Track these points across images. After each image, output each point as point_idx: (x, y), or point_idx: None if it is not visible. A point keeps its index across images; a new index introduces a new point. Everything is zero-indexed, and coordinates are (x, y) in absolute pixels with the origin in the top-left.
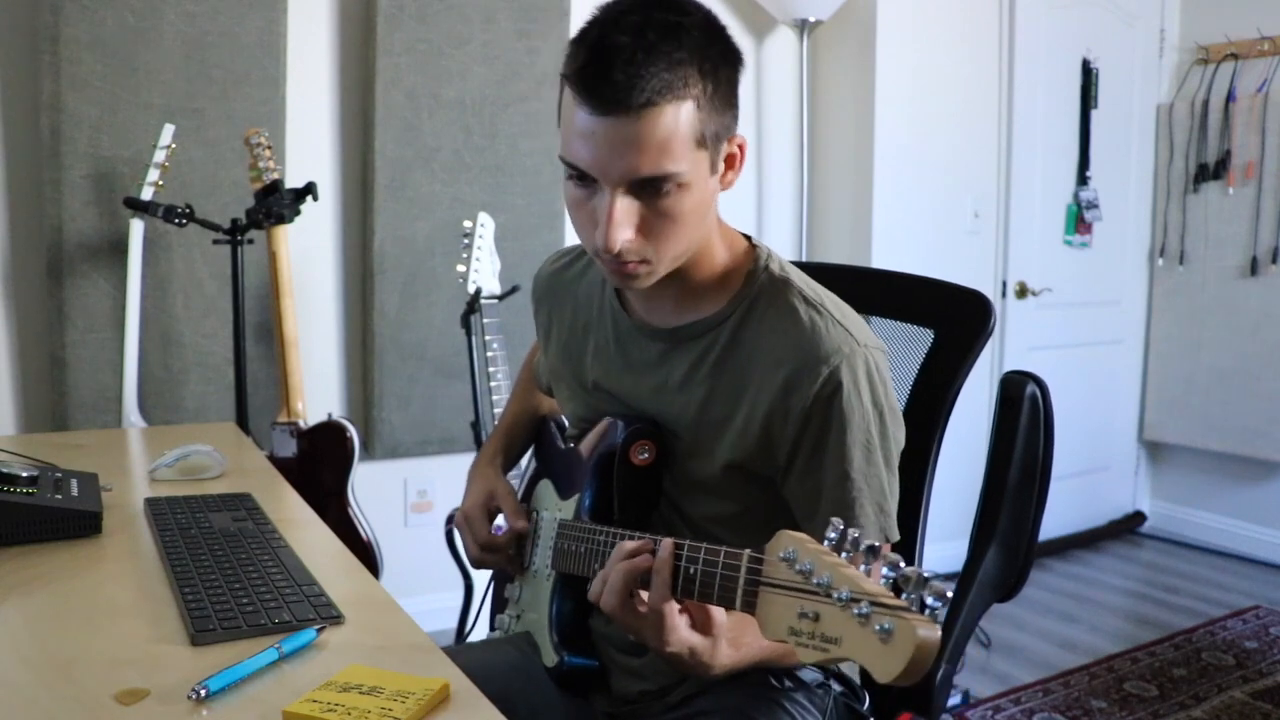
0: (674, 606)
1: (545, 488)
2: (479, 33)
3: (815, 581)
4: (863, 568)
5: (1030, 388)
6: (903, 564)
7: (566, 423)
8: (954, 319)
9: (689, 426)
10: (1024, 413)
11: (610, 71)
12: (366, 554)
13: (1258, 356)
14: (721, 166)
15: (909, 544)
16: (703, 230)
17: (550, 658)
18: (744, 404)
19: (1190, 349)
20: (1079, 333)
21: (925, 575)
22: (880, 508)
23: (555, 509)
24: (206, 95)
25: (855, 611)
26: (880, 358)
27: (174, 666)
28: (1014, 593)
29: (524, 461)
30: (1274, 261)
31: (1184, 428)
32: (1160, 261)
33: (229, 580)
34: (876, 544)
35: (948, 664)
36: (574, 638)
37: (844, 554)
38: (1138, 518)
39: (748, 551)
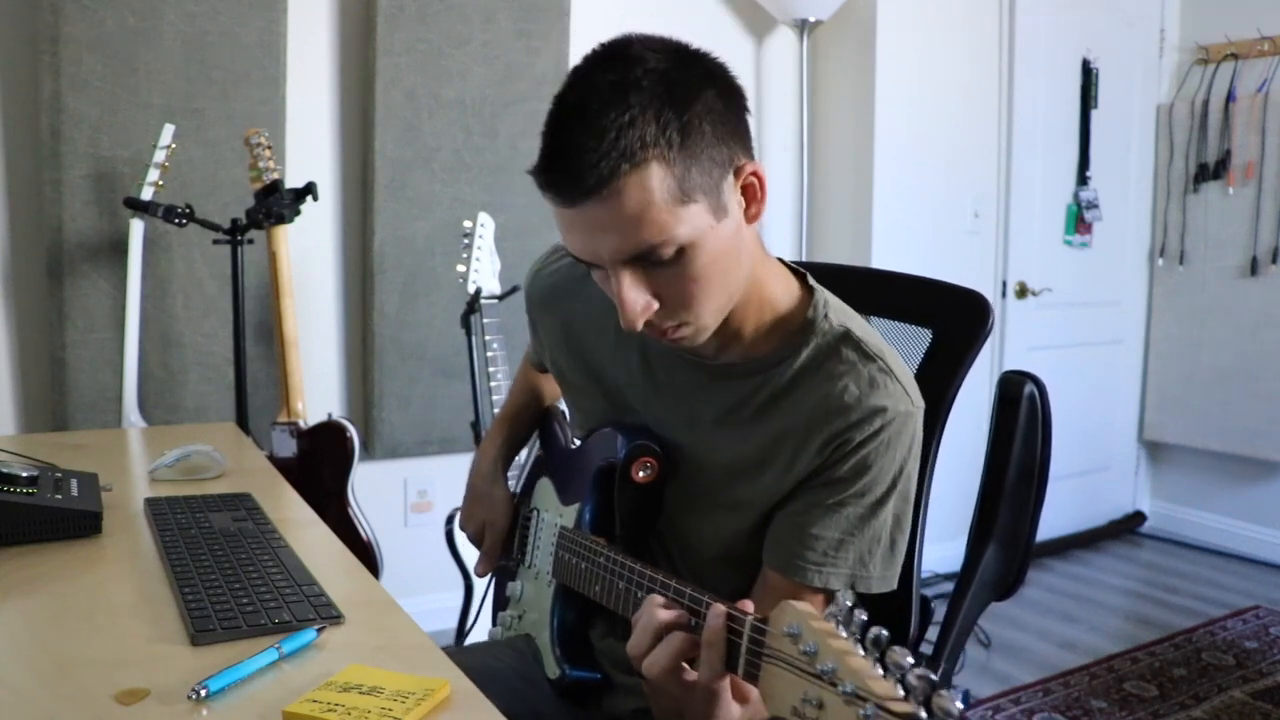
0: (728, 683)
1: (546, 487)
2: (479, 33)
3: (819, 668)
4: (861, 651)
5: (1028, 387)
6: (909, 659)
7: (571, 416)
8: (952, 319)
9: (720, 465)
10: (1022, 412)
11: (561, 162)
12: (366, 554)
13: (1258, 356)
14: (734, 207)
15: (909, 543)
16: (739, 276)
17: (553, 669)
18: (784, 452)
19: (1190, 349)
20: (1079, 333)
21: (934, 678)
22: (861, 560)
23: (557, 513)
24: (206, 95)
25: (861, 713)
26: (921, 421)
27: (174, 666)
28: (1012, 591)
29: (523, 454)
30: (1274, 261)
31: (1184, 428)
32: (1160, 261)
33: (229, 580)
34: (885, 633)
35: (946, 663)
36: (576, 650)
37: (840, 626)
38: (1138, 518)
39: (751, 618)
